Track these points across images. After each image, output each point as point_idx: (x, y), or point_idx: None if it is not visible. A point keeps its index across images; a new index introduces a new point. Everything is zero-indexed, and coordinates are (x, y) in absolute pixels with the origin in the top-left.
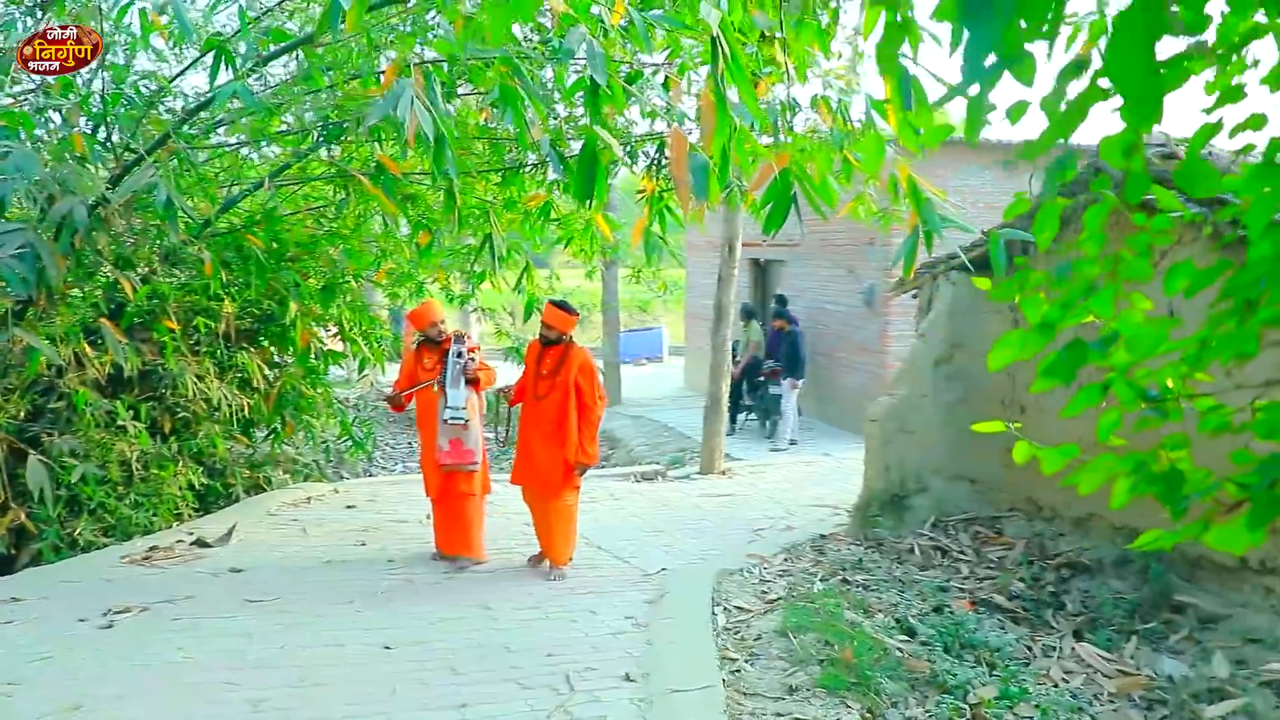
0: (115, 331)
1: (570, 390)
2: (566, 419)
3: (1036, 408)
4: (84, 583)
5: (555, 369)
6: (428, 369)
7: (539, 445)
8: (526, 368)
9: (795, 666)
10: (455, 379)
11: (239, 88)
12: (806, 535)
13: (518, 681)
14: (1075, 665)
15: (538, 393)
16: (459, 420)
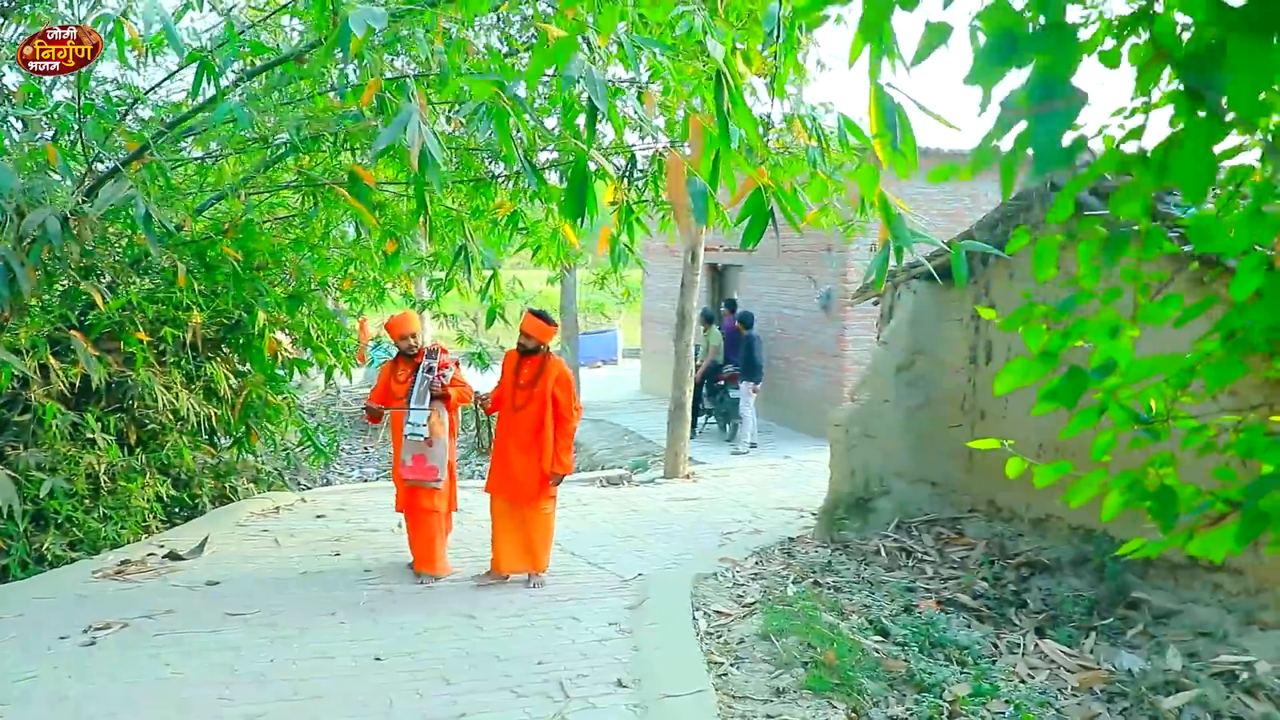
0: (85, 343)
1: (548, 401)
2: (543, 429)
3: (996, 414)
4: (58, 599)
5: (533, 379)
6: (400, 381)
7: (516, 454)
8: (504, 377)
9: (780, 669)
10: (420, 395)
11: (236, 108)
12: (775, 538)
13: (512, 690)
14: (1039, 661)
15: (515, 403)
16: (418, 437)
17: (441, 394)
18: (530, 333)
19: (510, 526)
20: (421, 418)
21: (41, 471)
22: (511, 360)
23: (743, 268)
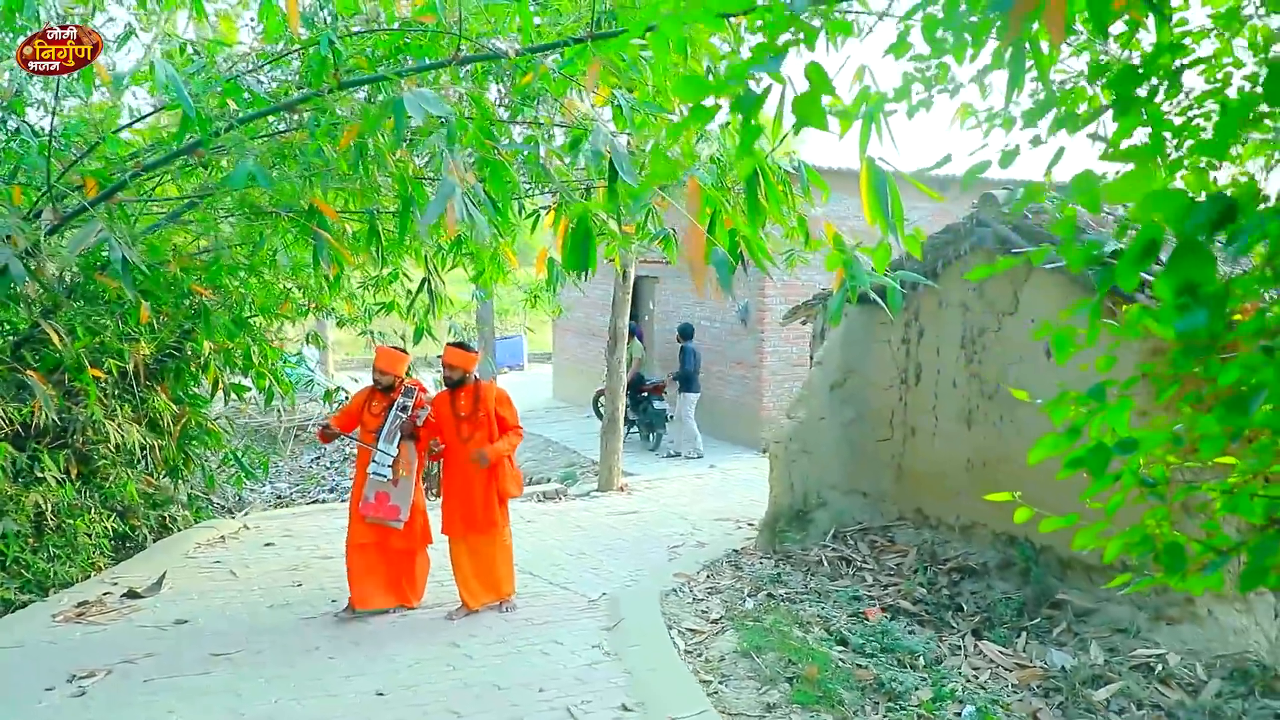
0: (42, 382)
1: (493, 424)
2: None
3: (926, 430)
4: (26, 646)
5: (473, 408)
6: (373, 414)
7: (476, 486)
8: (439, 416)
9: (766, 685)
10: (390, 433)
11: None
12: (720, 551)
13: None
14: (980, 661)
15: (462, 435)
16: (381, 477)
17: (413, 434)
18: (456, 363)
19: (473, 563)
20: (388, 458)
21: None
22: (444, 398)
23: (659, 279)
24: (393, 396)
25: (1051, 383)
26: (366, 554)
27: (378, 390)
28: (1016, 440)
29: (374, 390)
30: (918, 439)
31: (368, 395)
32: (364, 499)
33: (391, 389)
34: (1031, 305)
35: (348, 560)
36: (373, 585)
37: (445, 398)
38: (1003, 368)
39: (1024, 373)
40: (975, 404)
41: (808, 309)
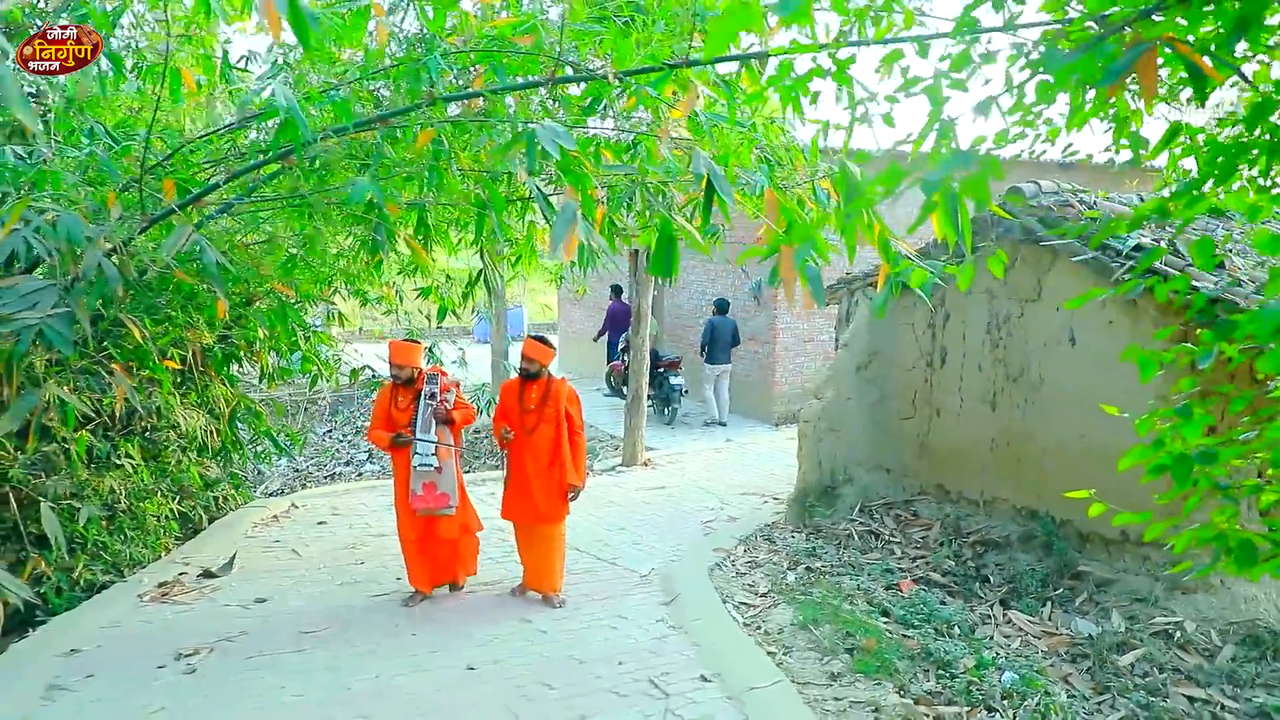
0: (125, 374)
1: (561, 420)
2: (560, 448)
3: (951, 410)
4: (123, 627)
5: (542, 401)
6: (400, 409)
7: (534, 477)
8: (507, 405)
9: (827, 656)
10: (425, 423)
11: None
12: (751, 525)
13: (612, 690)
14: (1010, 630)
15: (527, 426)
16: (428, 466)
17: (446, 419)
18: (534, 356)
19: (531, 553)
20: (429, 447)
21: (71, 499)
22: (514, 388)
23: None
24: (416, 388)
25: (1073, 368)
26: (422, 546)
27: (399, 385)
28: (1039, 421)
29: (394, 386)
30: (943, 419)
31: (390, 392)
32: (412, 493)
33: (412, 381)
34: (1055, 293)
35: (404, 553)
36: (432, 571)
37: (515, 388)
38: (1026, 353)
39: (1047, 358)
40: (1000, 386)
41: (833, 293)
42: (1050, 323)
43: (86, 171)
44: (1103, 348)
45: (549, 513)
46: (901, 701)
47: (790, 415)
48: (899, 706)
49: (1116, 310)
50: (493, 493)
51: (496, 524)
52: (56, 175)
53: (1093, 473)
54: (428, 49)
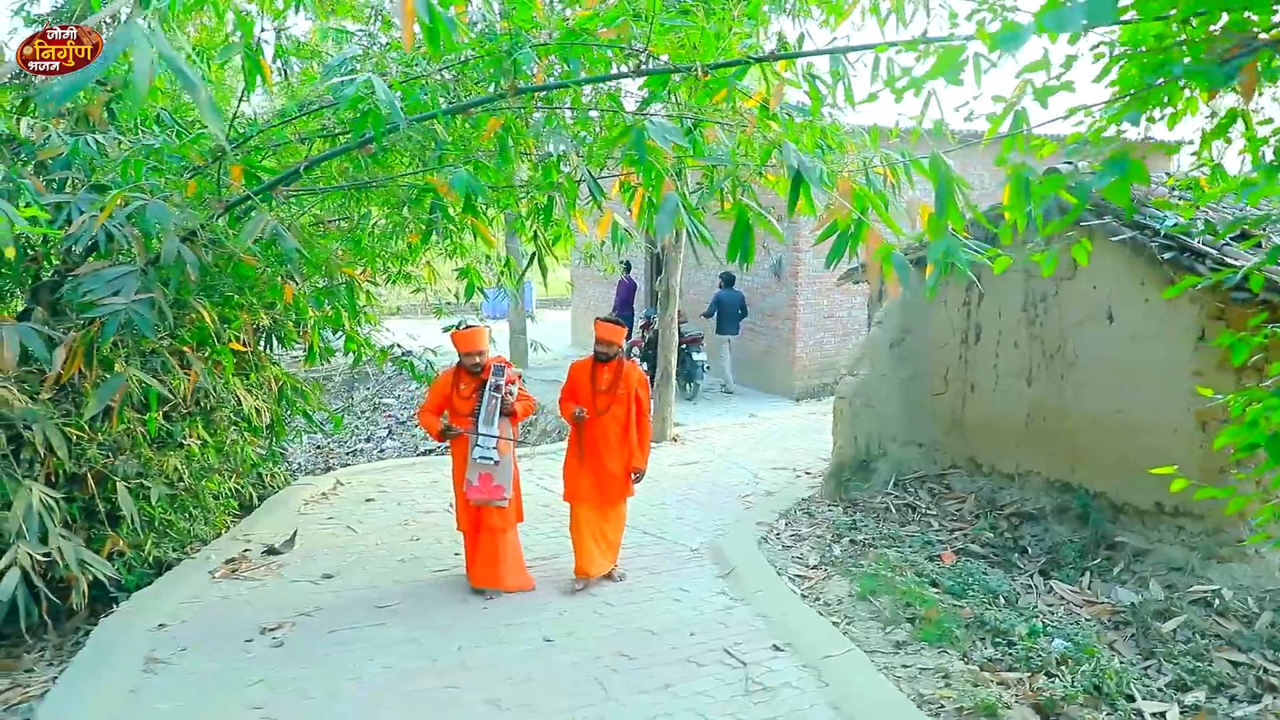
0: (198, 358)
1: (632, 402)
2: (629, 430)
3: (986, 386)
4: (202, 602)
5: (614, 383)
6: (464, 397)
7: (606, 457)
8: (577, 385)
9: (889, 625)
10: (490, 415)
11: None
12: (788, 499)
13: (690, 660)
14: (1052, 599)
15: (599, 407)
16: (489, 459)
17: (510, 411)
18: (611, 339)
19: (600, 531)
20: (491, 440)
21: (138, 479)
22: (585, 368)
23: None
24: (481, 377)
25: (1108, 345)
26: (473, 538)
27: (464, 371)
28: (1073, 396)
29: (459, 371)
30: (977, 394)
31: (453, 378)
32: (467, 482)
33: (480, 369)
34: (1090, 272)
35: (465, 542)
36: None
37: (586, 368)
38: (1062, 330)
39: (1082, 335)
40: (1036, 362)
41: (866, 271)
42: (1086, 300)
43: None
44: (1139, 325)
45: (617, 493)
46: (968, 668)
47: (810, 390)
48: (966, 673)
49: (1153, 288)
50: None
51: (539, 500)
52: (139, 163)
53: (1126, 446)
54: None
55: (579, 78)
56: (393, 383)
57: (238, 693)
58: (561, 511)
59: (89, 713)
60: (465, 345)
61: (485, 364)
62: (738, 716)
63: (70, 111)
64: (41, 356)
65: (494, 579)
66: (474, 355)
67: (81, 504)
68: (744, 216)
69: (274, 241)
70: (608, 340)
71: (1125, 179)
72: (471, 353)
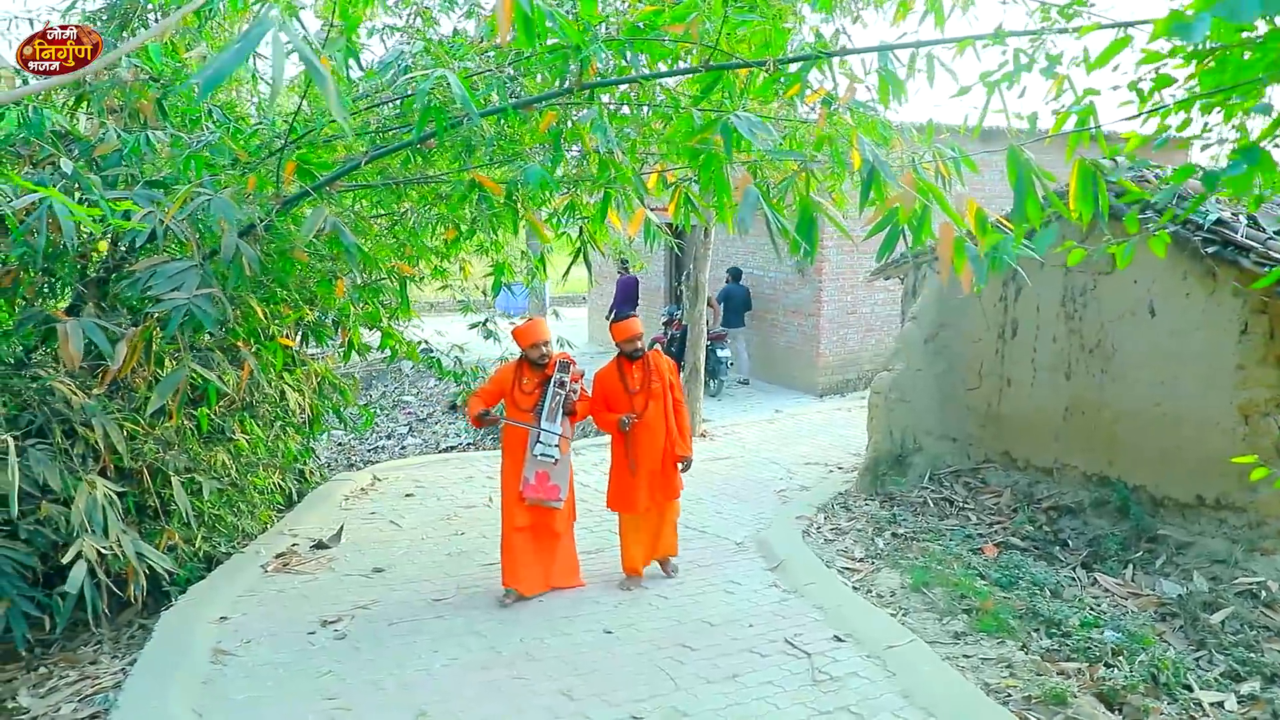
0: (251, 353)
1: (668, 393)
2: (669, 422)
3: (1024, 381)
4: (258, 596)
5: (647, 379)
6: (525, 391)
7: (655, 458)
8: (608, 391)
9: (945, 616)
10: (553, 412)
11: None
12: (824, 494)
13: (752, 651)
14: (1097, 591)
15: (637, 409)
16: (549, 458)
17: (572, 409)
18: (631, 334)
19: (661, 528)
20: (553, 437)
21: (187, 473)
22: (613, 372)
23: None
24: (546, 372)
25: (1148, 338)
26: (525, 537)
27: (527, 366)
28: (1112, 390)
29: (522, 365)
30: (1014, 389)
31: (515, 371)
32: (524, 480)
33: (545, 362)
34: (1131, 266)
35: (505, 543)
36: (534, 569)
37: (614, 372)
38: (1102, 324)
39: (1121, 329)
40: (1075, 357)
41: (897, 267)
42: (1125, 294)
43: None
44: (1180, 319)
45: (671, 490)
46: (1029, 658)
47: (834, 386)
48: (1028, 663)
49: (1195, 282)
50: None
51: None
52: (200, 159)
53: (1166, 439)
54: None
55: (645, 73)
56: (410, 380)
57: (309, 683)
58: (598, 507)
59: (169, 703)
60: (529, 337)
61: (551, 358)
62: (809, 706)
63: (122, 108)
64: (105, 351)
65: (544, 582)
66: (539, 346)
67: (134, 499)
68: (808, 211)
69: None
70: (632, 336)
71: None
72: (536, 344)
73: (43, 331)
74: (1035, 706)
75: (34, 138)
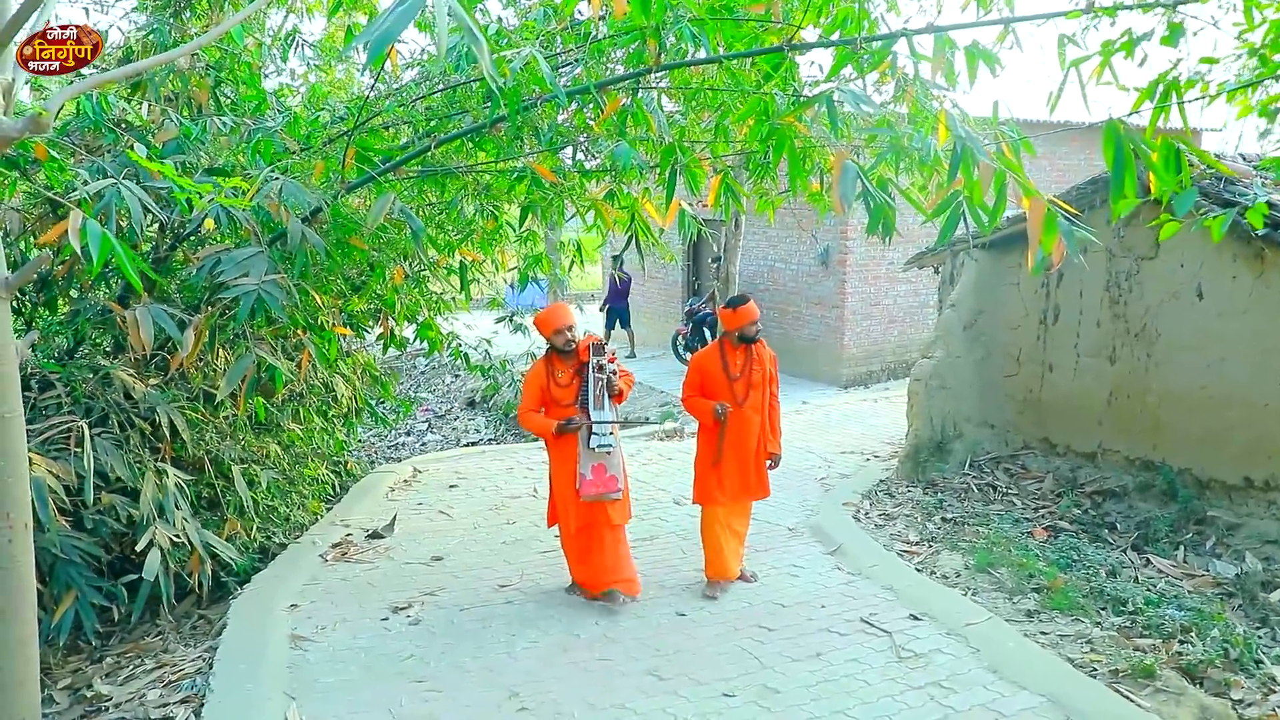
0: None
1: (768, 384)
2: (764, 416)
3: (1066, 366)
4: (323, 584)
5: (748, 367)
6: (562, 384)
7: (750, 452)
8: (708, 375)
9: (1015, 596)
10: (599, 399)
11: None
12: (866, 482)
13: (830, 630)
14: (1151, 572)
15: (738, 397)
16: (606, 448)
17: (616, 392)
18: (755, 318)
19: (738, 530)
20: (606, 427)
21: (243, 464)
22: (713, 355)
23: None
24: (579, 358)
25: (1194, 321)
26: (586, 537)
27: (556, 357)
28: (1158, 374)
29: (551, 358)
30: (1055, 374)
31: (546, 367)
32: (579, 477)
33: (573, 348)
34: (1172, 249)
35: (566, 546)
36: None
37: (715, 356)
38: (1146, 307)
39: (1164, 312)
40: (1120, 341)
41: (934, 255)
42: (1170, 278)
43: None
44: (1228, 301)
45: (761, 486)
46: (1106, 634)
47: (858, 378)
48: (1106, 638)
49: (1243, 264)
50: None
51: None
52: (268, 144)
53: (1213, 422)
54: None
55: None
56: (426, 377)
57: (394, 665)
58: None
59: (262, 686)
60: (552, 323)
61: (579, 343)
62: (899, 681)
63: (177, 96)
64: (176, 338)
65: (616, 577)
66: (563, 332)
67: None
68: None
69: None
70: (753, 319)
71: None
72: (561, 329)
73: (98, 322)
74: (1123, 680)
75: (93, 127)
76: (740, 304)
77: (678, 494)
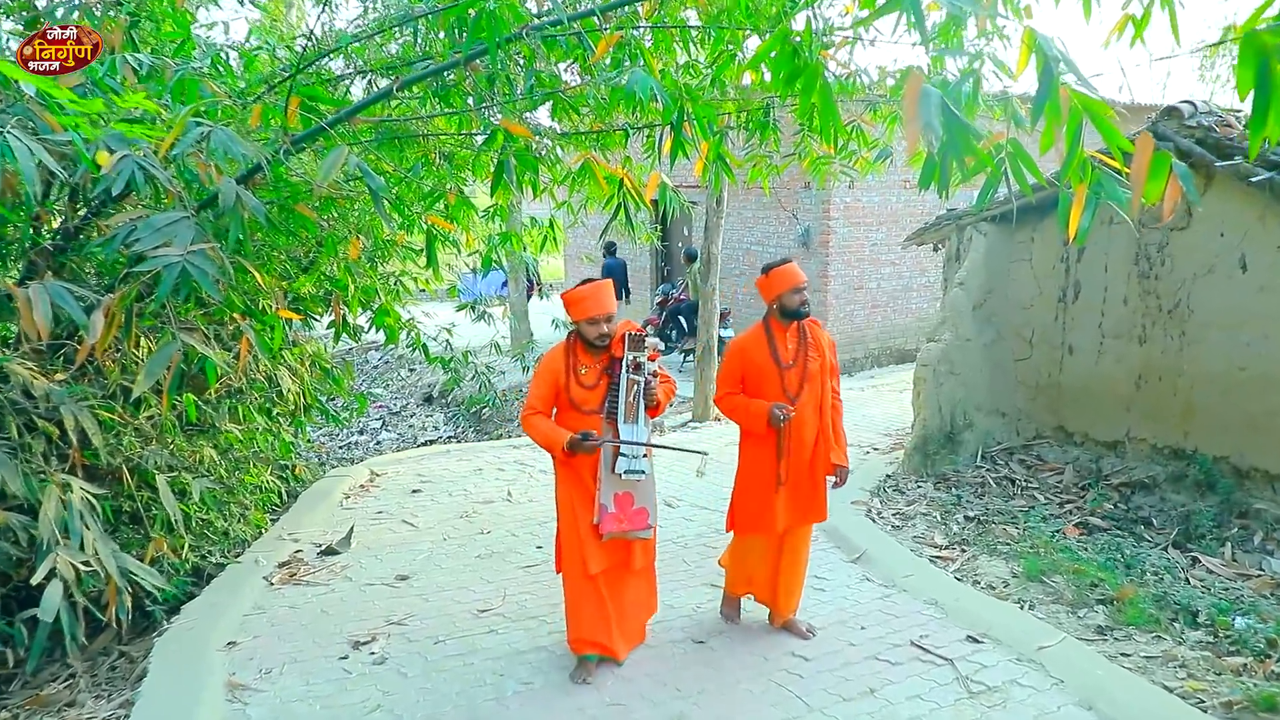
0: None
1: (827, 375)
2: (824, 414)
3: (1088, 348)
4: (268, 614)
5: (802, 352)
6: (586, 385)
7: (807, 461)
8: (751, 367)
9: (1079, 609)
10: (632, 409)
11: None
12: (872, 477)
13: (879, 658)
14: (1202, 573)
15: (789, 392)
16: (637, 474)
17: (654, 401)
18: (798, 283)
19: (794, 561)
20: (640, 448)
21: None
22: (757, 340)
23: (699, 203)
24: (611, 354)
25: (1232, 297)
26: (599, 584)
27: (581, 347)
28: (1191, 354)
29: (576, 349)
30: (1075, 357)
31: (567, 358)
32: (601, 509)
33: (607, 343)
34: (1209, 219)
35: (570, 593)
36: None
37: (761, 338)
38: (1180, 282)
39: (1198, 288)
40: (1150, 320)
41: (937, 231)
42: (1204, 250)
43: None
44: (1270, 274)
45: (818, 506)
46: (1199, 655)
47: (841, 366)
48: (1199, 660)
49: None
50: None
51: None
52: (193, 83)
53: (1253, 406)
54: None
55: None
56: (380, 371)
57: None
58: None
59: None
60: (586, 307)
61: (614, 336)
62: None
63: None
64: (80, 321)
65: (640, 634)
66: (599, 323)
67: (110, 503)
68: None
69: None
70: (795, 284)
71: None
72: (596, 318)
73: None
74: (1240, 714)
75: None
76: (775, 267)
77: (670, 496)
